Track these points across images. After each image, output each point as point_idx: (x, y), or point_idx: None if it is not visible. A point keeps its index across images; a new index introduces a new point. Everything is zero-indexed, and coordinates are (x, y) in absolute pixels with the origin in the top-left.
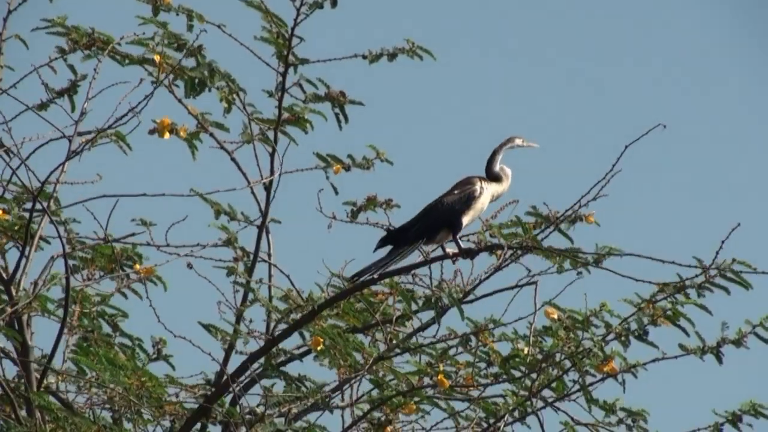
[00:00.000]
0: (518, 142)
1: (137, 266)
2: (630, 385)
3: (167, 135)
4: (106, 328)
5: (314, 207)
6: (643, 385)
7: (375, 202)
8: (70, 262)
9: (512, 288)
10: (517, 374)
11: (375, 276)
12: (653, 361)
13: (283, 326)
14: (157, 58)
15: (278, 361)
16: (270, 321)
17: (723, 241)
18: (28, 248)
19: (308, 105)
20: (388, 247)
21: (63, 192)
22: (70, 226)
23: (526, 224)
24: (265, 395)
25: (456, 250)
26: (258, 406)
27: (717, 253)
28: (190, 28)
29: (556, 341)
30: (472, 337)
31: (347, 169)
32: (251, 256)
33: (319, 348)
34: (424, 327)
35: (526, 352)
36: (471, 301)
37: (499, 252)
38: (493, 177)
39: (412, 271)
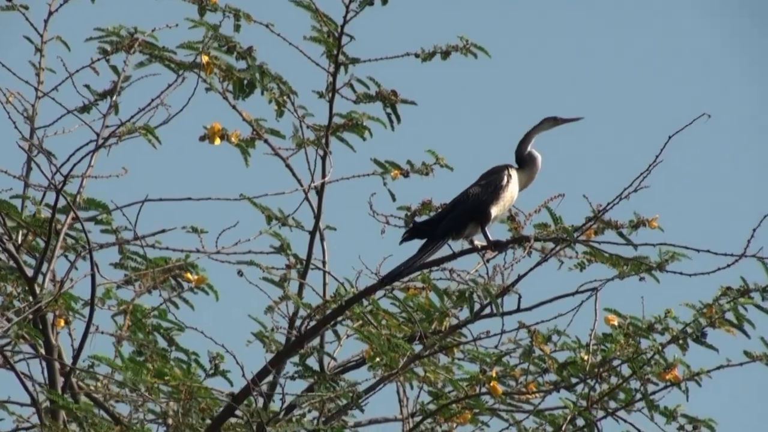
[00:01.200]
0: (552, 122)
1: (188, 275)
2: (694, 393)
3: (218, 141)
4: (162, 342)
5: (367, 212)
6: (707, 393)
7: (430, 206)
8: (122, 273)
9: (572, 294)
10: (576, 381)
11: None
12: (718, 368)
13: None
14: (204, 59)
15: (334, 372)
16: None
17: (755, 229)
18: (52, 245)
19: (362, 109)
20: (415, 241)
21: (92, 191)
22: (121, 235)
23: (556, 215)
24: (281, 395)
25: (485, 243)
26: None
27: (749, 241)
28: (237, 28)
29: (614, 346)
30: (529, 342)
31: (406, 175)
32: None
33: (370, 358)
34: (462, 324)
35: (586, 359)
36: (530, 308)
37: (527, 244)
38: (522, 162)
39: (442, 266)
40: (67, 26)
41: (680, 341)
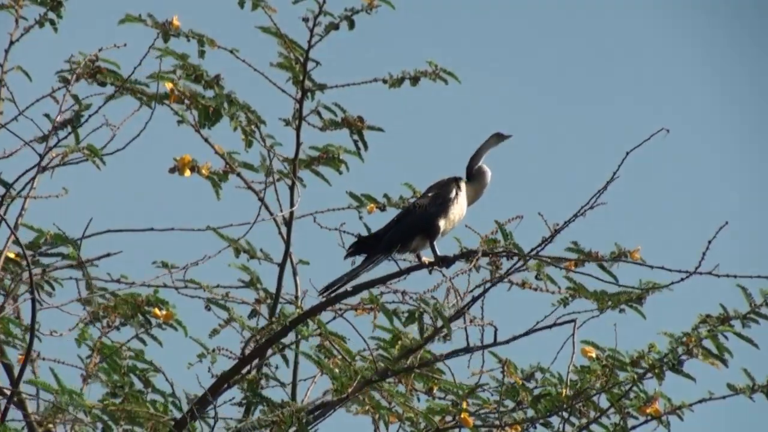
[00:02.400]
0: (498, 137)
1: (156, 311)
2: (676, 428)
3: (188, 173)
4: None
5: (338, 243)
6: (690, 427)
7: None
8: (87, 309)
9: (550, 327)
10: (551, 415)
11: (348, 289)
12: (700, 401)
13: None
14: (168, 86)
15: (308, 411)
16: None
17: (710, 241)
18: None
19: (329, 136)
20: (361, 257)
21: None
22: (88, 270)
23: (505, 229)
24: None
25: (432, 259)
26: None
27: (703, 254)
28: (201, 54)
29: (590, 377)
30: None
31: (382, 209)
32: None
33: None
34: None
35: (563, 392)
36: (506, 341)
37: (473, 258)
38: (471, 176)
39: (390, 284)
40: (29, 56)
41: (656, 370)
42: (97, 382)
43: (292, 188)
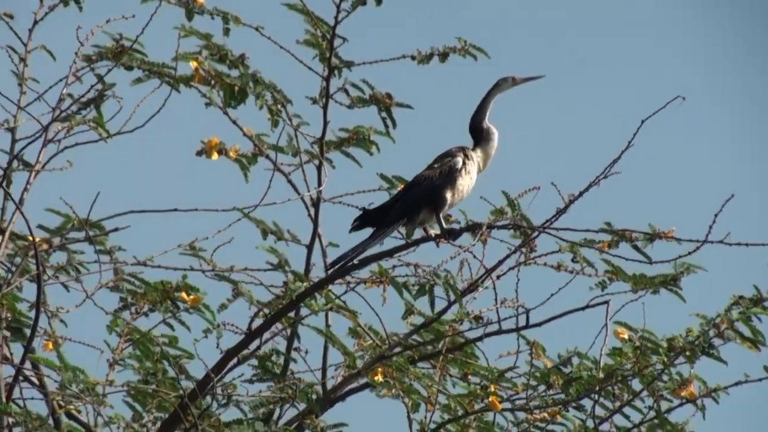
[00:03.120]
0: (510, 82)
1: (184, 295)
2: (711, 411)
3: (216, 156)
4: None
5: None
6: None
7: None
8: (117, 295)
9: (583, 309)
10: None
11: (356, 262)
12: (735, 384)
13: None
14: (193, 64)
15: (335, 395)
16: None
17: (716, 214)
18: None
19: (357, 114)
20: (367, 230)
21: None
22: (116, 255)
23: (514, 200)
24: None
25: (438, 231)
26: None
27: (710, 227)
28: (226, 32)
29: (621, 359)
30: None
31: None
32: None
33: (377, 379)
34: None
35: (597, 376)
36: (539, 324)
37: (478, 231)
38: (478, 136)
39: (397, 256)
40: (52, 35)
41: (687, 353)
42: (129, 369)
43: (319, 169)
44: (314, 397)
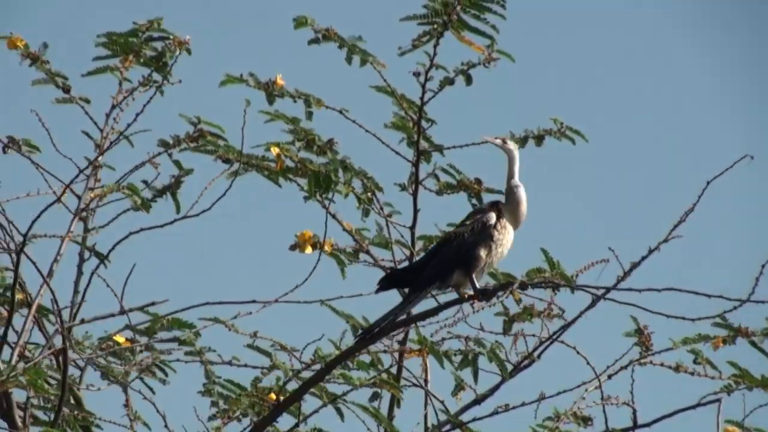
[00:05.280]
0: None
1: (272, 396)
2: None
3: (309, 250)
4: None
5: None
6: None
7: (531, 311)
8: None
9: (694, 408)
10: None
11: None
12: None
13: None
14: (274, 151)
15: None
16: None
17: (757, 278)
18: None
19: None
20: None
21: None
22: (206, 356)
23: (553, 259)
24: None
25: (471, 292)
26: None
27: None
28: (309, 115)
29: None
30: None
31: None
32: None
33: None
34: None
35: None
36: (648, 424)
37: (511, 291)
38: (506, 195)
39: (422, 321)
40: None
41: None
42: None
43: (410, 259)
44: None
